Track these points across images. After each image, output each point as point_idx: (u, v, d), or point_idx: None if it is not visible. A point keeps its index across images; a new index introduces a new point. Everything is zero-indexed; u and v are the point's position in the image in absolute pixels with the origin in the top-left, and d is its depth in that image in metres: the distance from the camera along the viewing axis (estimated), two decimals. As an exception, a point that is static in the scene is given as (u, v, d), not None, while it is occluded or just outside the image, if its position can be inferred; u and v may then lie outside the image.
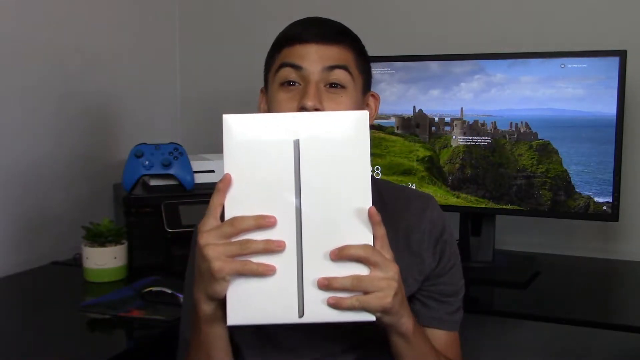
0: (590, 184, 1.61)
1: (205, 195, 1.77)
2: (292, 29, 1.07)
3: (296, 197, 0.84)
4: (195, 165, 1.84)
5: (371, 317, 0.84)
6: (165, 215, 1.72)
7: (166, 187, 1.81)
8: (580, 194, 1.62)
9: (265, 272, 0.83)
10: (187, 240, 1.15)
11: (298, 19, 1.12)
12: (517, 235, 1.89)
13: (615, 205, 1.59)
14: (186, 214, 1.74)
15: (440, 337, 1.07)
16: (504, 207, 1.68)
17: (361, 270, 0.84)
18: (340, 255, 0.84)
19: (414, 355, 0.96)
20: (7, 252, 1.71)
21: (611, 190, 1.59)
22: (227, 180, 0.84)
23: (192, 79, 2.34)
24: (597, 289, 1.67)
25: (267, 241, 0.83)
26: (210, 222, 0.85)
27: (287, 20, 1.12)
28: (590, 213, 1.61)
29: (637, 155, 1.78)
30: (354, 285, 0.83)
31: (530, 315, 1.48)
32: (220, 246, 0.83)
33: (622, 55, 1.56)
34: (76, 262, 1.73)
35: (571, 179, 1.63)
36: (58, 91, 1.85)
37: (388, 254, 0.86)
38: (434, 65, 1.73)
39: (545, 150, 1.65)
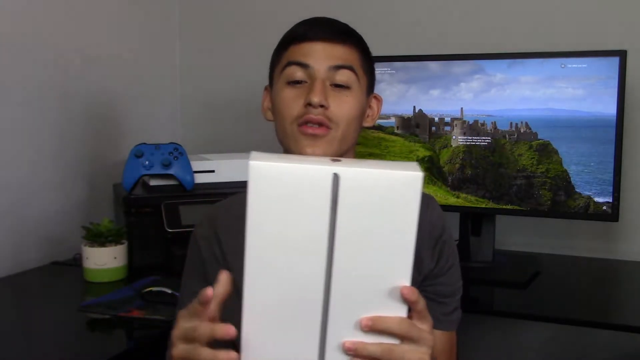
0: (590, 184, 1.61)
1: (205, 195, 1.78)
2: (299, 28, 1.08)
3: (328, 254, 0.76)
4: (195, 165, 1.84)
5: None
6: (165, 215, 1.72)
7: (166, 187, 1.81)
8: (580, 194, 1.62)
9: None
10: (187, 240, 1.15)
11: (298, 19, 1.12)
12: (517, 235, 1.89)
13: (615, 205, 1.59)
14: (186, 214, 1.74)
15: (436, 337, 1.07)
16: (504, 207, 1.68)
17: (391, 339, 0.77)
18: (373, 327, 0.76)
19: None
20: (7, 252, 1.71)
21: (611, 190, 1.59)
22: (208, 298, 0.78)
23: (192, 79, 2.34)
24: (597, 289, 1.67)
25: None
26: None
27: (288, 20, 1.12)
28: (590, 213, 1.61)
29: (637, 155, 1.78)
30: (384, 355, 0.77)
31: (530, 315, 1.48)
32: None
33: (622, 55, 1.56)
34: (76, 262, 1.73)
35: (571, 179, 1.63)
36: (58, 91, 1.85)
37: (427, 324, 0.80)
38: (434, 65, 1.73)
39: (545, 150, 1.65)
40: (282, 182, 0.75)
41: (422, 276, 1.07)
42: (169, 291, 1.47)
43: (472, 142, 1.70)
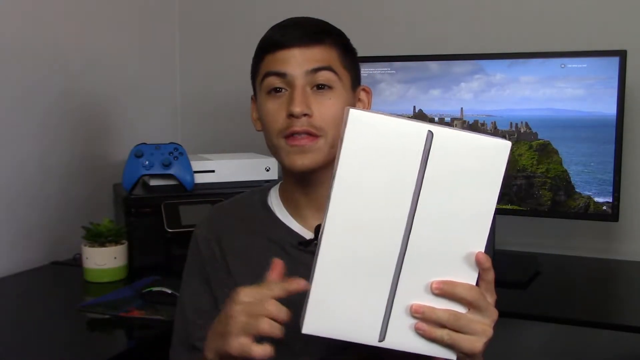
0: (590, 184, 1.61)
1: (205, 195, 1.78)
2: (271, 35, 1.06)
3: (410, 210, 0.77)
4: (195, 165, 1.84)
5: (452, 356, 0.80)
6: (165, 215, 1.72)
7: (166, 187, 1.81)
8: (580, 194, 1.62)
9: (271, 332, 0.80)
10: (187, 240, 1.15)
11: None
12: (517, 235, 1.89)
13: (615, 205, 1.59)
14: (186, 214, 1.74)
15: None
16: (504, 207, 1.68)
17: (457, 306, 0.79)
18: (444, 290, 0.78)
19: None
20: (7, 252, 1.70)
21: (611, 190, 1.59)
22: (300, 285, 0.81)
23: (192, 79, 2.34)
24: (597, 289, 1.67)
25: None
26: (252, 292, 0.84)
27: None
28: (590, 213, 1.61)
29: (637, 155, 1.78)
30: (450, 322, 0.79)
31: (530, 315, 1.48)
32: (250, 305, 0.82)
33: (622, 55, 1.56)
34: (76, 262, 1.73)
35: (571, 179, 1.63)
36: (58, 91, 1.85)
37: (491, 298, 0.83)
38: (434, 65, 1.73)
39: (545, 150, 1.65)
40: (378, 131, 0.76)
41: None
42: (169, 291, 1.47)
43: (472, 142, 1.70)
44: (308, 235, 1.09)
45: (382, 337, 0.79)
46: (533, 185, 1.65)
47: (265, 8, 2.20)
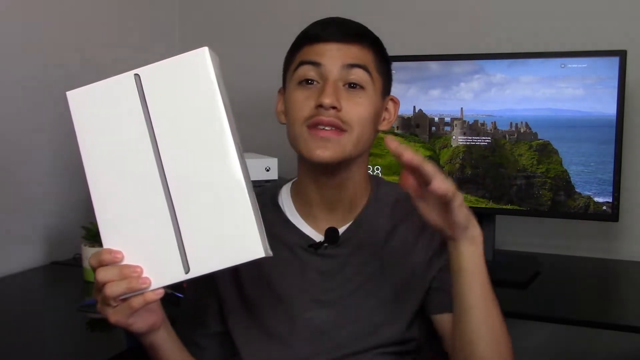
0: (590, 184, 1.61)
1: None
2: (312, 28, 1.06)
3: (154, 150, 0.82)
4: (195, 165, 1.84)
5: (260, 253, 0.81)
6: (165, 215, 1.72)
7: (166, 187, 1.81)
8: (580, 194, 1.62)
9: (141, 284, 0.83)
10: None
11: (299, 20, 1.12)
12: (517, 235, 1.89)
13: (615, 205, 1.59)
14: (186, 214, 1.73)
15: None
16: (504, 207, 1.68)
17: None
18: (412, 160, 0.84)
19: (482, 277, 0.94)
20: (7, 252, 1.70)
21: (611, 190, 1.59)
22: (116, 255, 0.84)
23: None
24: (597, 289, 1.67)
25: (129, 280, 0.82)
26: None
27: (289, 21, 1.12)
28: (590, 213, 1.61)
29: (637, 155, 1.78)
30: (435, 169, 0.85)
31: (530, 315, 1.48)
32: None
33: (622, 55, 1.56)
34: (76, 262, 1.73)
35: (571, 179, 1.63)
36: (58, 91, 1.84)
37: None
38: (434, 65, 1.73)
39: (545, 150, 1.65)
40: (96, 98, 0.85)
41: (441, 264, 1.07)
42: (169, 291, 1.46)
43: (472, 142, 1.70)
44: (318, 237, 1.08)
45: (187, 270, 0.83)
46: (533, 185, 1.65)
47: (265, 8, 2.20)
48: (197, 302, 1.12)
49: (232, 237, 0.81)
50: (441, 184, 0.85)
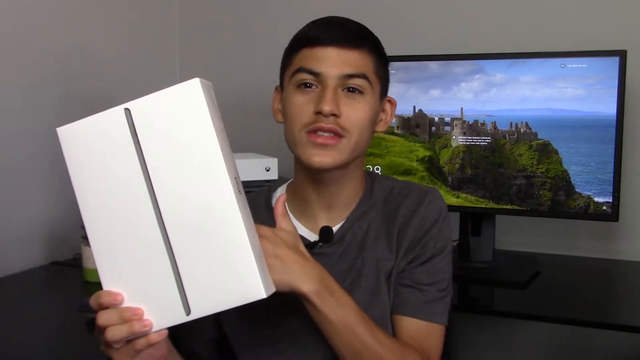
0: (590, 184, 1.61)
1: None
2: (311, 30, 1.05)
3: (148, 188, 0.79)
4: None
5: (261, 294, 0.79)
6: (165, 215, 1.72)
7: (166, 187, 1.81)
8: (580, 194, 1.62)
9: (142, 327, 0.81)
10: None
11: (298, 19, 1.11)
12: (517, 235, 1.89)
13: (615, 205, 1.59)
14: (186, 214, 1.73)
15: (413, 325, 1.05)
16: (504, 207, 1.68)
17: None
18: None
19: (333, 322, 0.94)
20: (7, 252, 1.70)
21: (611, 190, 1.59)
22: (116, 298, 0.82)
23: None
24: (597, 289, 1.67)
25: (131, 324, 0.80)
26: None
27: (288, 20, 1.12)
28: (590, 213, 1.61)
29: (637, 155, 1.78)
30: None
31: (530, 315, 1.48)
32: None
33: (622, 55, 1.56)
34: (76, 262, 1.73)
35: (571, 179, 1.63)
36: (58, 91, 1.85)
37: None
38: (434, 65, 1.73)
39: (545, 150, 1.64)
40: (87, 135, 0.81)
41: (404, 261, 1.07)
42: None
43: (472, 142, 1.70)
44: (312, 236, 1.08)
45: (187, 312, 0.81)
46: (533, 185, 1.65)
47: (266, 8, 2.20)
48: None
49: (232, 279, 0.79)
50: None
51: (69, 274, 1.72)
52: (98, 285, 1.59)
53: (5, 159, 1.70)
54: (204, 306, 0.80)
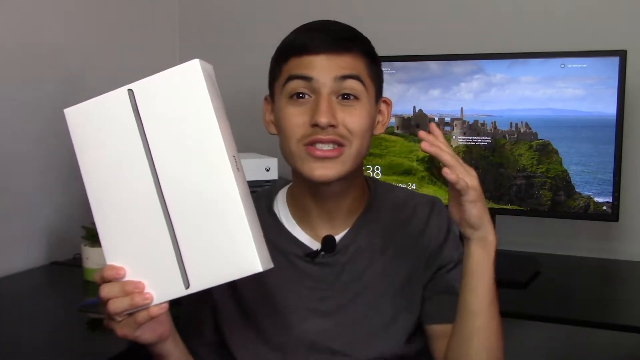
0: (590, 184, 1.61)
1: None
2: (298, 38, 1.01)
3: (150, 165, 0.82)
4: (195, 165, 1.84)
5: (258, 268, 0.80)
6: (165, 215, 1.72)
7: (166, 187, 1.81)
8: (580, 194, 1.62)
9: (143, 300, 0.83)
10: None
11: (299, 19, 1.09)
12: (517, 235, 1.89)
13: (615, 205, 1.59)
14: (186, 214, 1.73)
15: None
16: (504, 207, 1.68)
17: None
18: (428, 149, 0.90)
19: (488, 281, 0.96)
20: (7, 252, 1.70)
21: (611, 190, 1.59)
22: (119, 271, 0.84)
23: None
24: (597, 289, 1.66)
25: (132, 297, 0.83)
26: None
27: (288, 21, 1.11)
28: (590, 213, 1.61)
29: (637, 155, 1.78)
30: (454, 160, 0.92)
31: (530, 315, 1.48)
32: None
33: (622, 55, 1.56)
34: (76, 262, 1.73)
35: (571, 179, 1.63)
36: (58, 91, 1.85)
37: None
38: (434, 65, 1.73)
39: (545, 150, 1.65)
40: (93, 115, 0.85)
41: (427, 273, 1.07)
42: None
43: (472, 142, 1.70)
44: (314, 244, 1.06)
45: (187, 285, 0.83)
46: (533, 185, 1.65)
47: (265, 8, 2.20)
48: (193, 312, 1.12)
49: (230, 253, 0.81)
50: (451, 172, 0.89)
51: (69, 274, 1.72)
52: (98, 285, 1.59)
53: (5, 158, 1.70)
54: (202, 279, 0.82)
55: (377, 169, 1.77)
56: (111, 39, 2.04)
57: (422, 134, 0.89)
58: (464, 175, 0.89)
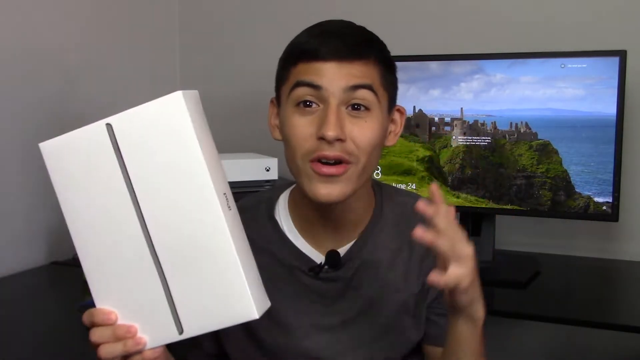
0: (590, 184, 1.61)
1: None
2: (308, 42, 0.94)
3: (134, 205, 0.77)
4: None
5: (254, 315, 0.76)
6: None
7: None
8: (580, 194, 1.62)
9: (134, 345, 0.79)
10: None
11: (299, 19, 1.07)
12: (517, 235, 1.89)
13: (615, 205, 1.59)
14: (186, 214, 1.73)
15: None
16: (504, 207, 1.68)
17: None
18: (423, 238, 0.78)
19: (474, 349, 0.90)
20: (7, 252, 1.70)
21: (611, 190, 1.59)
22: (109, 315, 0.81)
23: (192, 80, 2.33)
24: (597, 289, 1.67)
25: (125, 342, 0.79)
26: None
27: (288, 21, 1.10)
28: (590, 213, 1.61)
29: (637, 155, 1.78)
30: (450, 247, 0.79)
31: (530, 315, 1.48)
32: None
33: (622, 55, 1.56)
34: (76, 262, 1.72)
35: (571, 179, 1.63)
36: (58, 92, 1.85)
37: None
38: (434, 65, 1.73)
39: (545, 150, 1.64)
40: (71, 150, 0.79)
41: (432, 298, 1.04)
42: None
43: (472, 142, 1.70)
44: (318, 257, 1.01)
45: (180, 330, 0.79)
46: (533, 185, 1.65)
47: (265, 8, 2.20)
48: None
49: (224, 299, 0.76)
50: (444, 277, 0.79)
51: (69, 274, 1.72)
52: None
53: (5, 159, 1.70)
54: (196, 325, 0.78)
55: (377, 169, 1.77)
56: (111, 39, 2.04)
57: (421, 205, 0.81)
58: (455, 268, 0.80)
